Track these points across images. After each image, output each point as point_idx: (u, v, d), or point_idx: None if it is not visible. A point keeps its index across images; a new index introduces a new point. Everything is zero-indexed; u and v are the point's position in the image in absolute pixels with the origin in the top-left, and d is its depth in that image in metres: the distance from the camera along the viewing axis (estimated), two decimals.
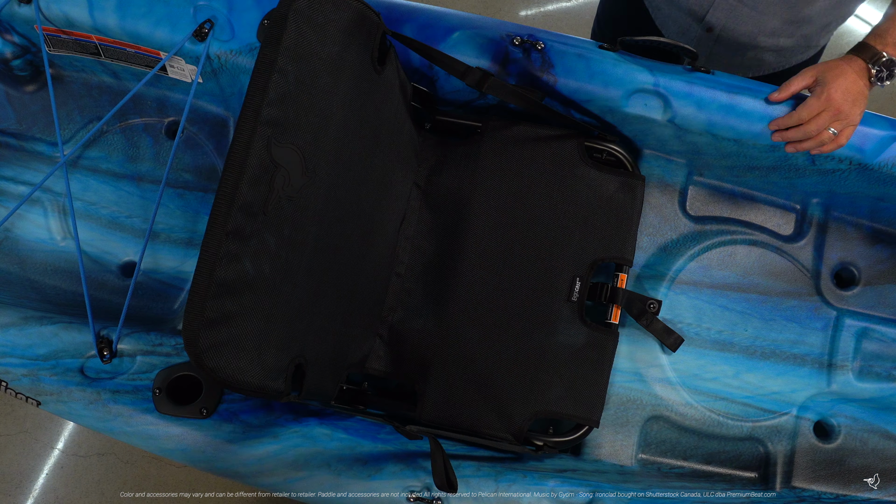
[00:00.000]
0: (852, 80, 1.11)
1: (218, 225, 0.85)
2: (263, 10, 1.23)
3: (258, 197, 0.89)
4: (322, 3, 0.96)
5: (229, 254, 0.85)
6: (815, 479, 1.28)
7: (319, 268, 1.04)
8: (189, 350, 0.84)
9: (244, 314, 0.89)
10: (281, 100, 0.91)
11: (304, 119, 0.95)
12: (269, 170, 0.90)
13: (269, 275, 0.92)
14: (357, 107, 1.07)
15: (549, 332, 1.22)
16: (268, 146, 0.90)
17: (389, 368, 1.26)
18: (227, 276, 0.85)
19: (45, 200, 1.41)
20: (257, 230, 0.89)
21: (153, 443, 1.15)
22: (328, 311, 1.08)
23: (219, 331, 0.85)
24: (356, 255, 1.14)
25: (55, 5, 1.24)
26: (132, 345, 1.17)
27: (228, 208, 0.85)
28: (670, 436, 1.31)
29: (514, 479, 1.14)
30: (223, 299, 0.85)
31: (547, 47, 1.23)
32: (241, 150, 0.87)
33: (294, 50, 0.92)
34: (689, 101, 1.22)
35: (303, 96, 0.94)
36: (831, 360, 1.33)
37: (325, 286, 1.06)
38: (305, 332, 1.01)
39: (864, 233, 1.36)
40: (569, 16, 2.46)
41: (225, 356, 0.86)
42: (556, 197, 1.25)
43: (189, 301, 0.84)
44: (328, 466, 1.12)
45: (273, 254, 0.93)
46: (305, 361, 1.00)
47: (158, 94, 1.41)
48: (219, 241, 0.84)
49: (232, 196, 0.86)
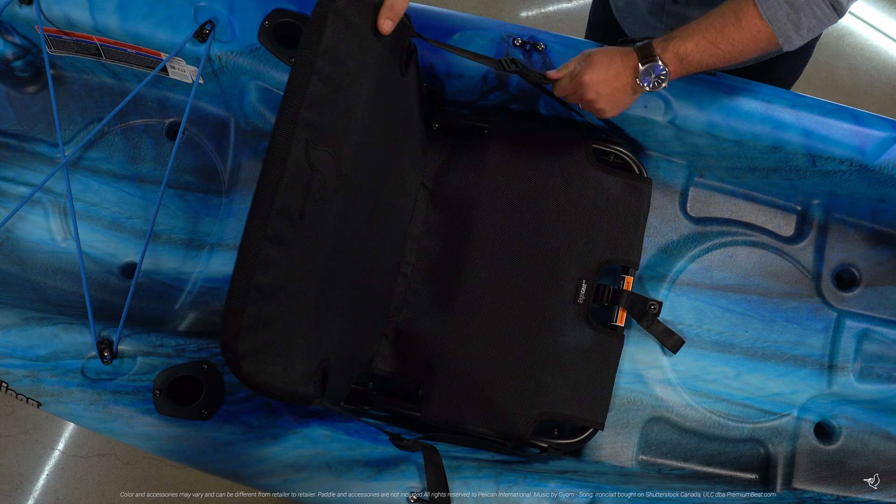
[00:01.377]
0: (613, 72, 1.07)
1: (257, 228, 0.84)
2: (264, 12, 1.23)
3: (295, 201, 0.88)
4: (358, 4, 0.95)
5: (267, 258, 0.85)
6: (815, 480, 1.28)
7: (341, 270, 1.04)
8: (227, 355, 0.83)
9: (279, 318, 0.88)
10: (318, 102, 0.90)
11: (338, 122, 0.94)
12: (306, 173, 0.89)
13: (301, 278, 0.91)
14: (381, 109, 1.06)
15: (555, 334, 1.22)
16: (306, 149, 0.89)
17: (394, 369, 1.26)
18: (265, 281, 0.85)
19: (45, 201, 1.41)
20: (294, 234, 0.89)
21: (153, 444, 1.15)
22: (346, 312, 1.08)
23: (256, 335, 0.85)
24: (371, 256, 1.14)
25: (56, 6, 1.24)
26: (133, 346, 1.17)
27: (268, 212, 0.84)
28: (671, 437, 1.31)
29: (515, 481, 1.14)
30: (260, 304, 0.84)
31: (548, 48, 1.23)
32: (280, 152, 0.86)
33: (331, 51, 0.91)
34: (690, 102, 1.22)
35: (338, 98, 0.93)
36: (832, 361, 1.33)
37: (343, 288, 1.06)
38: (328, 334, 1.01)
39: (864, 234, 1.36)
40: (570, 17, 2.46)
41: (261, 361, 0.86)
42: (563, 198, 1.25)
43: (228, 306, 0.83)
44: (328, 468, 1.12)
45: (307, 257, 0.92)
46: (329, 365, 1.00)
47: (159, 95, 1.41)
48: (258, 244, 0.83)
49: (271, 200, 0.84)
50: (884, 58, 2.28)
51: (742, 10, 1.02)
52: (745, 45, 1.03)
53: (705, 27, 1.04)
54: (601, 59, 1.08)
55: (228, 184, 1.40)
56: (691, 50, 1.04)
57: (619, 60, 1.08)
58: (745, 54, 1.04)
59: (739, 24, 1.02)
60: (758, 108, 1.21)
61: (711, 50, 1.04)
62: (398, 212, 1.24)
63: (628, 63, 1.07)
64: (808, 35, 1.02)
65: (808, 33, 1.01)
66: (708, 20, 1.04)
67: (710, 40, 1.03)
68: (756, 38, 1.02)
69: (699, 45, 1.04)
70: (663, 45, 1.06)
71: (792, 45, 1.02)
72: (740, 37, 1.02)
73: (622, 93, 1.09)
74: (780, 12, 0.99)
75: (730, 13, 1.03)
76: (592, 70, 1.08)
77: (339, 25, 0.92)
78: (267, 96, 1.28)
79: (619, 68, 1.07)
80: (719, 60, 1.05)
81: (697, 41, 1.04)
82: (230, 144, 1.40)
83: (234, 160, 1.39)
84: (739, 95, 1.21)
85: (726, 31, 1.03)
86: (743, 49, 1.03)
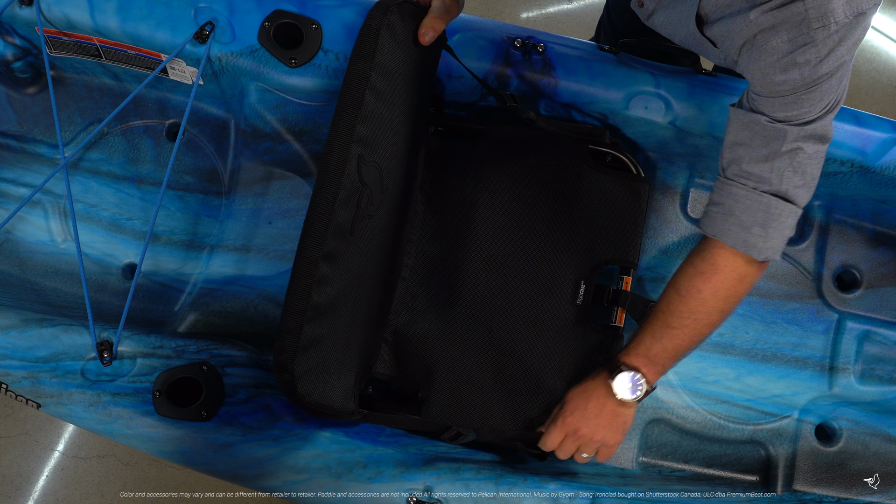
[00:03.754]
0: (593, 398, 1.07)
1: (314, 246, 0.83)
2: (265, 13, 1.23)
3: (347, 217, 0.87)
4: (407, 19, 0.95)
5: (322, 276, 0.84)
6: (816, 482, 1.27)
7: (369, 281, 1.03)
8: (282, 377, 0.82)
9: (330, 337, 0.87)
10: (369, 116, 0.89)
11: (384, 135, 0.94)
12: (357, 189, 0.88)
13: (347, 295, 0.91)
14: (410, 119, 1.06)
15: (554, 335, 1.21)
16: (358, 165, 0.88)
17: (394, 372, 1.25)
18: (319, 300, 0.84)
19: (45, 202, 1.41)
20: (345, 251, 0.88)
21: (153, 445, 1.15)
22: (366, 321, 1.08)
23: (310, 355, 0.84)
24: (384, 263, 1.14)
25: (56, 7, 1.24)
26: (132, 347, 1.17)
27: (325, 230, 0.83)
28: (671, 439, 1.31)
29: (515, 483, 1.13)
30: (314, 323, 0.84)
31: (548, 49, 1.23)
32: (336, 169, 0.85)
33: (383, 65, 0.91)
34: (691, 103, 1.21)
35: (385, 112, 0.93)
36: (833, 363, 1.32)
37: (367, 298, 1.06)
38: (358, 346, 1.01)
39: (865, 235, 1.35)
40: (570, 18, 2.46)
41: (314, 381, 0.85)
42: (560, 199, 1.24)
43: (284, 326, 0.81)
44: (328, 469, 1.12)
45: (353, 273, 0.91)
46: (361, 377, 0.99)
47: (159, 96, 1.40)
48: (315, 263, 0.83)
49: (328, 217, 0.84)
50: (884, 59, 2.28)
51: (679, 276, 1.00)
52: (700, 305, 0.99)
53: (652, 319, 1.03)
54: (575, 392, 1.09)
55: (228, 185, 1.39)
56: (650, 343, 1.03)
57: (591, 386, 1.08)
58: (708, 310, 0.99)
59: (679, 292, 1.00)
60: None
61: (668, 332, 1.01)
62: (406, 218, 1.25)
63: (599, 383, 1.07)
64: (766, 231, 0.93)
65: (765, 229, 0.93)
66: (655, 308, 1.04)
67: (662, 324, 1.01)
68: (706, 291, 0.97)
69: (655, 335, 1.02)
70: (625, 352, 1.06)
71: (759, 251, 0.94)
72: (686, 305, 0.99)
73: (614, 416, 1.07)
74: (718, 222, 0.95)
75: (669, 288, 1.01)
76: (570, 406, 1.08)
77: (389, 38, 0.92)
78: (267, 97, 1.28)
79: (598, 393, 1.07)
80: (684, 336, 1.01)
81: (653, 332, 1.03)
82: (230, 146, 1.39)
83: (234, 161, 1.39)
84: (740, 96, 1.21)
85: (672, 307, 1.00)
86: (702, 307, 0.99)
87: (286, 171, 1.34)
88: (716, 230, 0.95)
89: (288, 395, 0.84)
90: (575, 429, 1.07)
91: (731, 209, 0.93)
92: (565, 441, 1.09)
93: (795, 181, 0.91)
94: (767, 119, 0.87)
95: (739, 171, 0.91)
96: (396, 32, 0.94)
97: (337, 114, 0.87)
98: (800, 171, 0.90)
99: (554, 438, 1.10)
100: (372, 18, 0.91)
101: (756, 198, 0.91)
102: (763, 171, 0.90)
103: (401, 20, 0.94)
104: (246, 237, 1.33)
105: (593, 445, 1.08)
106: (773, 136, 0.87)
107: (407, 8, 0.98)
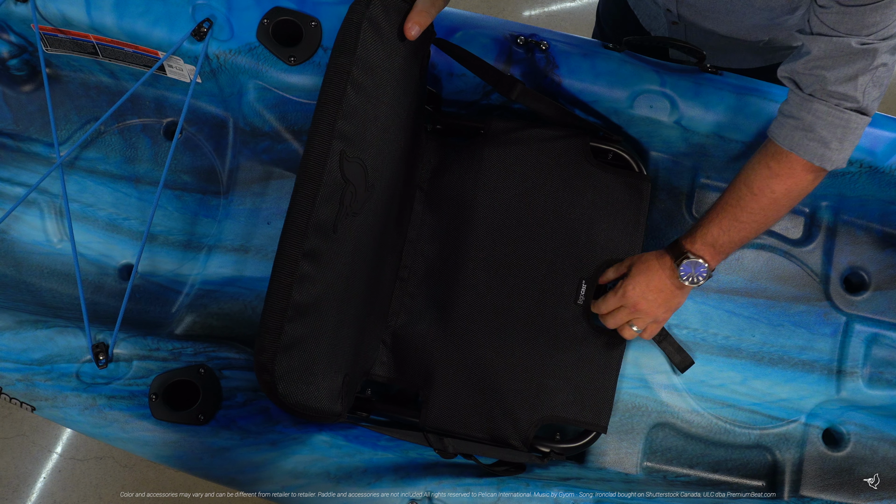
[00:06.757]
0: (657, 277, 1.11)
1: (294, 245, 0.82)
2: (263, 10, 1.22)
3: (329, 215, 0.86)
4: (390, 11, 0.93)
5: (303, 275, 0.83)
6: (823, 487, 1.26)
7: (357, 281, 1.02)
8: (262, 377, 0.81)
9: (313, 337, 0.86)
10: (352, 112, 0.87)
11: (367, 131, 0.92)
12: (340, 186, 0.87)
13: (332, 294, 0.89)
14: (400, 114, 1.05)
15: (555, 336, 1.20)
16: (340, 161, 0.86)
17: (393, 374, 1.24)
18: (300, 299, 0.83)
19: (41, 202, 1.40)
20: (328, 250, 0.87)
21: (149, 449, 1.13)
22: (357, 323, 1.07)
23: (291, 355, 0.82)
24: (378, 263, 1.13)
25: (52, 4, 1.23)
26: (128, 349, 1.15)
27: (305, 228, 0.82)
28: (676, 443, 1.29)
29: (517, 488, 1.12)
30: (296, 322, 0.82)
31: (551, 47, 1.21)
32: (316, 165, 0.83)
33: (364, 59, 0.89)
34: (696, 102, 1.20)
35: (368, 107, 0.91)
36: (840, 366, 1.31)
37: (357, 298, 1.04)
38: (346, 347, 0.99)
39: (874, 237, 1.33)
40: (573, 15, 2.44)
41: (295, 381, 0.84)
42: (561, 198, 1.23)
43: (264, 326, 0.80)
44: (327, 474, 1.11)
45: (336, 272, 0.90)
46: (350, 379, 0.98)
47: (157, 95, 1.39)
48: (295, 261, 0.81)
49: (308, 214, 0.82)
50: None
51: (750, 173, 1.03)
52: (772, 204, 1.03)
53: (719, 211, 1.06)
54: (639, 267, 1.12)
55: (227, 184, 1.38)
56: (717, 234, 1.06)
57: (654, 263, 1.11)
58: (778, 208, 1.04)
59: (751, 189, 1.03)
60: (765, 109, 1.19)
61: (736, 226, 1.05)
62: (402, 217, 1.23)
63: (662, 263, 1.10)
64: (842, 145, 0.97)
65: (842, 143, 0.97)
66: (722, 199, 1.06)
67: (731, 217, 1.05)
68: (779, 191, 1.01)
69: (722, 226, 1.06)
70: (691, 240, 1.08)
71: (832, 162, 0.98)
72: (758, 203, 1.03)
73: (670, 294, 1.11)
74: (796, 136, 0.98)
75: (740, 184, 1.04)
76: (635, 280, 1.11)
77: (371, 32, 0.90)
78: (266, 96, 1.27)
79: (659, 272, 1.10)
80: (751, 230, 1.06)
81: (720, 223, 1.06)
82: (228, 144, 1.38)
83: (232, 160, 1.38)
84: (746, 95, 1.19)
85: (742, 202, 1.04)
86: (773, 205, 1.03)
87: (285, 171, 1.33)
88: (793, 144, 0.98)
89: (269, 396, 0.83)
90: (634, 302, 1.11)
91: (812, 125, 0.96)
92: (620, 311, 1.13)
93: (875, 94, 0.95)
94: (857, 41, 0.89)
95: (823, 90, 0.95)
96: (380, 26, 0.92)
97: (317, 109, 0.86)
98: (878, 85, 0.94)
99: (610, 304, 1.14)
100: (353, 12, 0.90)
101: (839, 115, 0.95)
102: (848, 89, 0.93)
103: (384, 14, 0.92)
104: (244, 237, 1.32)
105: (647, 320, 1.13)
106: (862, 56, 0.90)
107: (390, 1, 0.96)
